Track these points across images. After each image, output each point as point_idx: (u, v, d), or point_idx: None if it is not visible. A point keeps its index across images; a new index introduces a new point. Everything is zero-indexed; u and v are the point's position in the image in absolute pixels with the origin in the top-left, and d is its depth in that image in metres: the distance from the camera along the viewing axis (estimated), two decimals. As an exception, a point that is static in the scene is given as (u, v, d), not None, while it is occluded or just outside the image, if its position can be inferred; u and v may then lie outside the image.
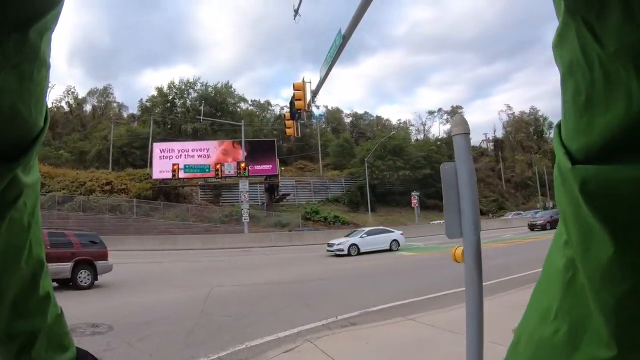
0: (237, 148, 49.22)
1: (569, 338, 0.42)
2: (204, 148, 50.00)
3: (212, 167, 47.40)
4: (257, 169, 48.71)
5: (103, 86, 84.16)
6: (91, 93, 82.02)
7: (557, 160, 0.39)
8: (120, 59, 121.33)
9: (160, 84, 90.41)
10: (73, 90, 79.90)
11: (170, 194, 49.22)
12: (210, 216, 46.38)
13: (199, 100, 71.87)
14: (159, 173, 47.32)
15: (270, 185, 51.62)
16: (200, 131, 67.51)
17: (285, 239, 37.97)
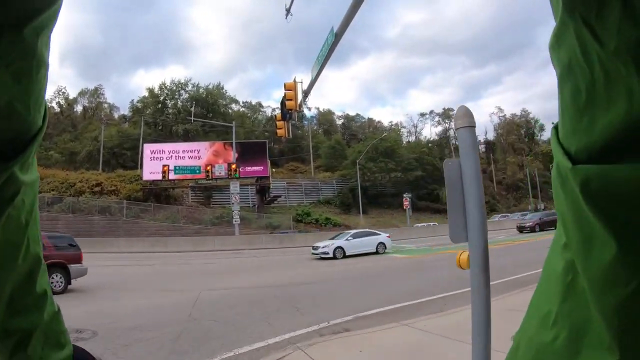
0: (228, 149, 48.85)
1: (570, 343, 0.42)
2: (194, 149, 49.63)
3: (203, 169, 47.04)
4: (248, 171, 48.40)
5: (94, 87, 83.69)
6: (82, 93, 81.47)
7: (556, 161, 0.38)
8: (112, 60, 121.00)
9: (151, 84, 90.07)
10: (64, 91, 79.42)
11: (160, 195, 48.87)
12: (201, 218, 46.04)
13: (190, 101, 71.58)
14: (149, 174, 46.92)
15: (262, 187, 51.34)
16: (191, 132, 67.25)
17: (276, 241, 37.65)
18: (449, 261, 19.82)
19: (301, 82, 17.91)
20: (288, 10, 16.67)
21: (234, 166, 45.46)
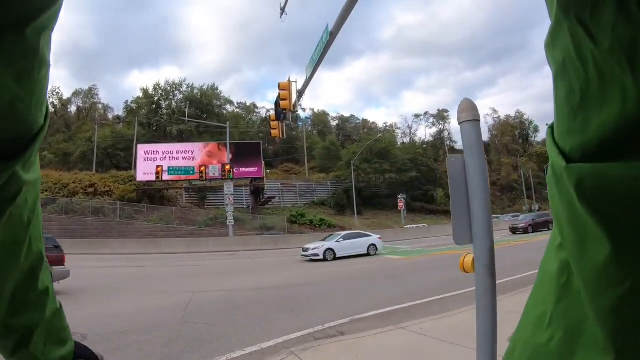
0: (223, 150, 48.58)
1: (565, 344, 0.42)
2: (189, 150, 49.28)
3: (197, 169, 46.60)
4: (243, 172, 48.13)
5: (88, 87, 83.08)
6: (76, 94, 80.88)
7: (551, 160, 0.38)
8: (106, 60, 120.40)
9: (145, 85, 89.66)
10: (58, 91, 78.70)
11: (154, 196, 48.55)
12: (195, 219, 45.74)
13: (185, 102, 71.24)
14: (143, 175, 46.52)
15: (256, 188, 51.09)
16: (185, 133, 66.97)
17: (270, 242, 37.43)
18: (444, 262, 19.79)
19: (295, 82, 17.78)
20: (283, 10, 16.57)
21: (227, 167, 45.15)
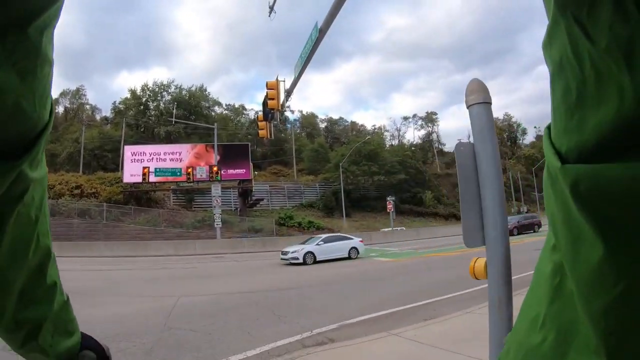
0: (210, 152, 48.00)
1: (557, 345, 0.42)
2: (176, 151, 48.69)
3: (184, 171, 46.01)
4: (231, 174, 47.63)
5: (76, 87, 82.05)
6: (64, 94, 79.75)
7: (547, 161, 0.38)
8: (95, 60, 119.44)
9: (133, 86, 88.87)
10: (45, 90, 77.70)
11: (141, 198, 47.90)
12: (182, 221, 45.17)
13: (173, 103, 70.64)
14: (130, 177, 45.85)
15: (244, 190, 50.61)
16: (173, 134, 66.35)
17: (258, 244, 36.99)
18: (434, 264, 19.55)
19: (284, 81, 17.48)
20: (272, 8, 16.26)
21: (215, 168, 44.58)
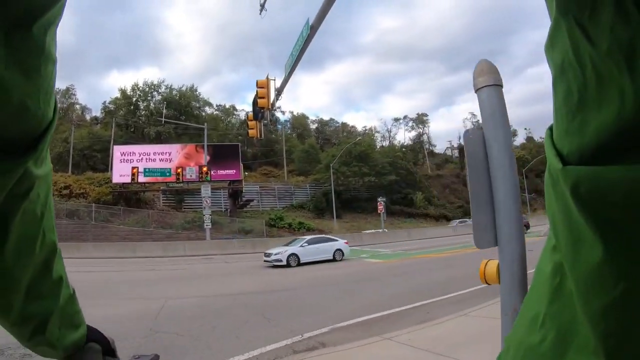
0: (200, 152, 47.99)
1: (556, 345, 0.42)
2: (166, 152, 48.64)
3: (174, 171, 45.96)
4: (221, 174, 47.68)
5: (66, 87, 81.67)
6: (53, 93, 79.47)
7: (549, 162, 0.38)
8: (85, 60, 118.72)
9: (124, 85, 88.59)
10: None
11: (131, 199, 47.80)
12: (172, 222, 45.15)
13: (163, 103, 70.48)
14: (119, 177, 45.74)
15: (234, 191, 50.65)
16: (163, 135, 66.22)
17: (248, 245, 37.03)
18: (425, 266, 19.72)
19: (274, 80, 17.49)
20: (262, 6, 16.27)
21: (205, 169, 44.58)
